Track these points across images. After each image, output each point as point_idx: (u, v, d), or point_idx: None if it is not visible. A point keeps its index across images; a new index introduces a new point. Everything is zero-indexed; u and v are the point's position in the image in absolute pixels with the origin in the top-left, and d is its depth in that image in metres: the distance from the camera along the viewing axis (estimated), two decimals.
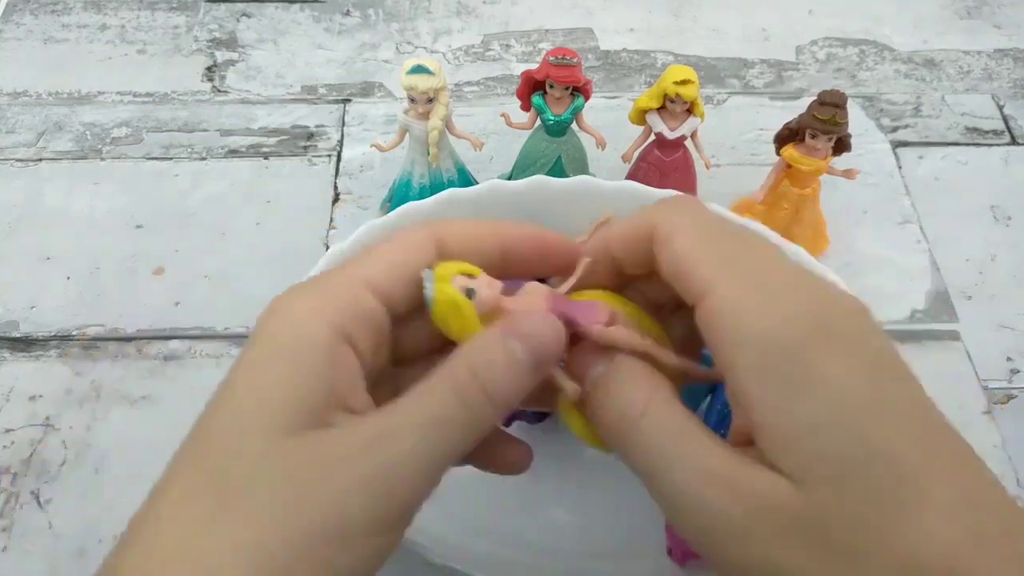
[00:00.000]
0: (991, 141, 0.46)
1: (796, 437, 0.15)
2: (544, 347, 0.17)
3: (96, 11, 0.52)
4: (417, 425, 0.16)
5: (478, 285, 0.18)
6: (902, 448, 0.15)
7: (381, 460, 0.15)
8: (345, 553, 0.15)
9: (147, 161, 0.44)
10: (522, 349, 0.17)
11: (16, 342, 0.37)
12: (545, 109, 0.36)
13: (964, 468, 0.16)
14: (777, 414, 0.16)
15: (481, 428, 0.16)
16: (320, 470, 0.15)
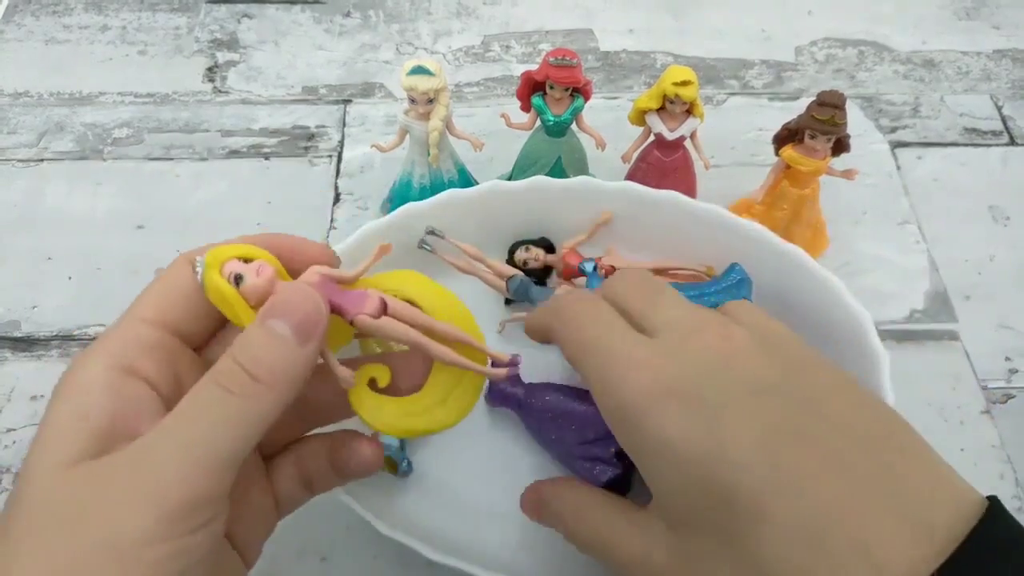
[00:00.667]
0: (990, 141, 0.46)
1: (662, 496, 0.20)
2: (304, 317, 0.18)
3: (97, 12, 0.52)
4: (175, 427, 0.17)
5: (247, 271, 0.18)
6: (741, 484, 0.18)
7: (145, 470, 0.16)
8: (130, 564, 0.15)
9: (148, 162, 0.44)
10: (281, 323, 0.17)
11: (17, 342, 0.37)
12: (545, 110, 0.37)
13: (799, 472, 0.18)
14: (648, 479, 0.20)
15: (261, 410, 0.17)
16: (92, 492, 0.16)
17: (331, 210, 0.42)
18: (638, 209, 0.35)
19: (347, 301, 0.19)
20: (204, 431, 0.16)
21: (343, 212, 0.42)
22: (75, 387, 0.17)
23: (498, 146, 0.41)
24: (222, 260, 0.19)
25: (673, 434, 0.18)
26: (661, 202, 0.34)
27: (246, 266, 0.19)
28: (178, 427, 0.17)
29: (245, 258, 0.19)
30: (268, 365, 0.17)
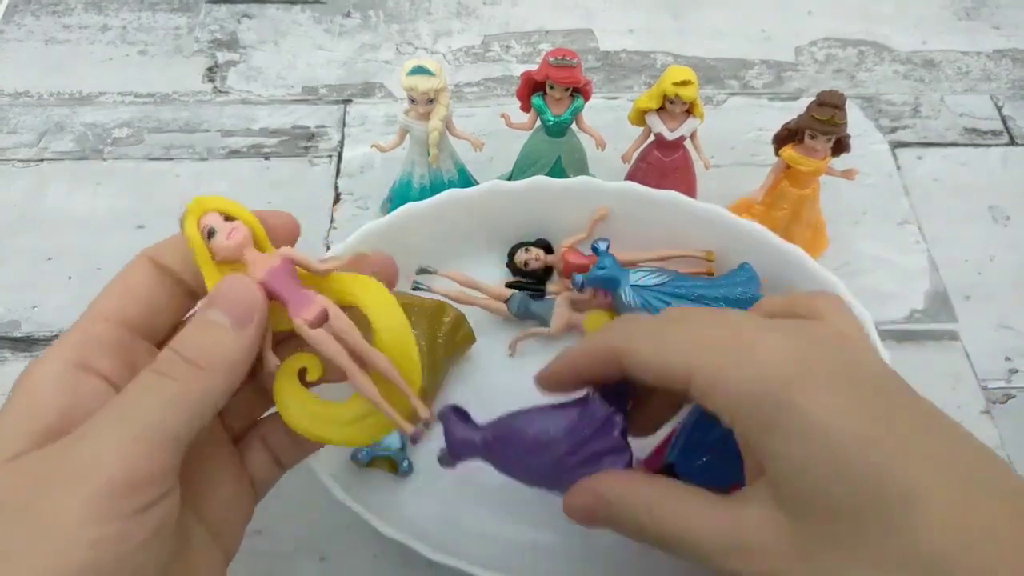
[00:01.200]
0: (990, 141, 0.46)
1: (788, 479, 0.18)
2: (239, 306, 0.18)
3: (97, 12, 0.52)
4: (112, 411, 0.17)
5: (221, 228, 0.19)
6: (892, 470, 0.17)
7: (82, 452, 0.16)
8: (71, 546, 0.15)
9: (148, 161, 0.44)
10: (217, 311, 0.18)
11: (18, 342, 0.37)
12: (545, 110, 0.37)
13: (959, 469, 0.17)
14: (774, 460, 0.18)
15: (199, 390, 0.17)
16: (32, 480, 0.16)
17: (331, 210, 0.42)
18: (638, 209, 0.35)
19: (292, 298, 0.19)
20: (141, 412, 0.17)
21: (343, 212, 0.42)
22: (28, 385, 0.18)
23: (498, 146, 0.41)
24: (203, 210, 0.19)
25: (825, 414, 0.17)
26: (661, 202, 0.35)
27: (223, 223, 0.19)
28: (115, 410, 0.17)
29: (227, 215, 0.19)
30: (204, 349, 0.18)
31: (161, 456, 0.16)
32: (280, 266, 0.19)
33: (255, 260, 0.19)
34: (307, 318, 0.19)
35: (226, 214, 0.19)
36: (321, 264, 0.20)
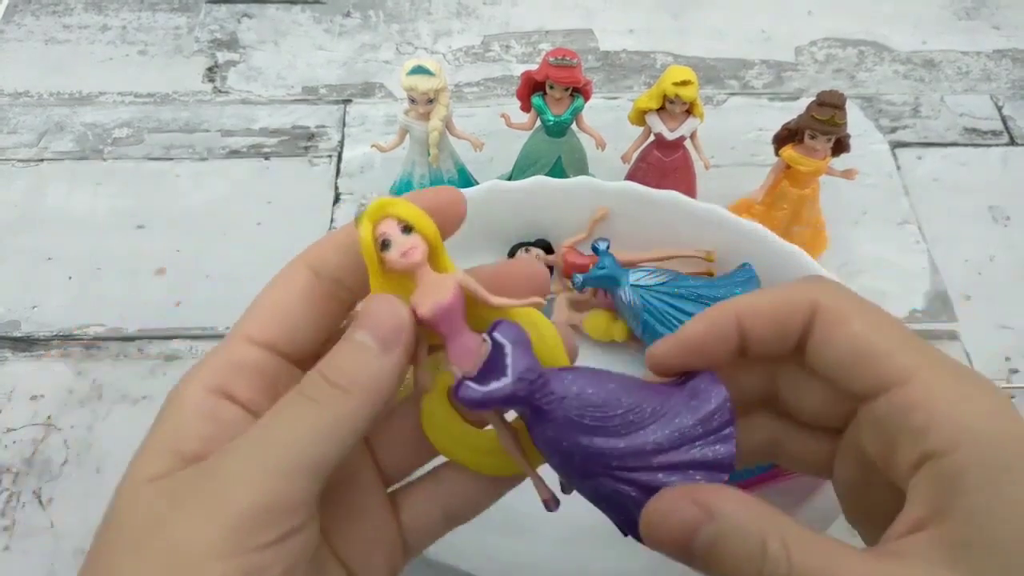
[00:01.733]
0: (990, 142, 0.46)
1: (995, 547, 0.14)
2: (385, 329, 0.17)
3: (97, 12, 0.52)
4: (249, 437, 0.16)
5: (397, 243, 0.17)
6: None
7: (214, 479, 0.15)
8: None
9: (148, 161, 0.44)
10: (363, 333, 0.17)
11: (18, 342, 0.37)
12: (545, 110, 0.37)
13: None
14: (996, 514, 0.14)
15: (341, 414, 0.16)
16: (164, 506, 0.15)
17: (331, 210, 0.42)
18: (638, 209, 0.35)
19: (456, 342, 0.17)
20: (278, 437, 0.16)
21: (343, 212, 0.42)
22: (172, 408, 0.17)
23: (498, 146, 0.41)
24: (383, 215, 0.17)
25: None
26: (661, 202, 0.34)
27: (399, 236, 0.17)
28: (252, 436, 0.16)
29: (408, 225, 0.17)
30: (348, 372, 0.16)
31: (299, 484, 0.15)
32: (451, 302, 0.17)
33: (426, 284, 0.17)
34: (464, 368, 0.17)
35: (406, 223, 0.17)
36: (496, 300, 0.18)
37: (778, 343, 0.18)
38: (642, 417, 0.17)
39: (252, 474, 0.15)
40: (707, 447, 0.17)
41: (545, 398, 0.17)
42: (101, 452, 0.34)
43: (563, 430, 0.17)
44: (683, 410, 0.17)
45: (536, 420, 0.17)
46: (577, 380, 0.17)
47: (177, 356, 0.37)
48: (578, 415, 0.17)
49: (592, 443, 0.17)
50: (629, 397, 0.17)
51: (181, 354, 0.37)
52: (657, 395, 0.18)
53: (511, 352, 0.17)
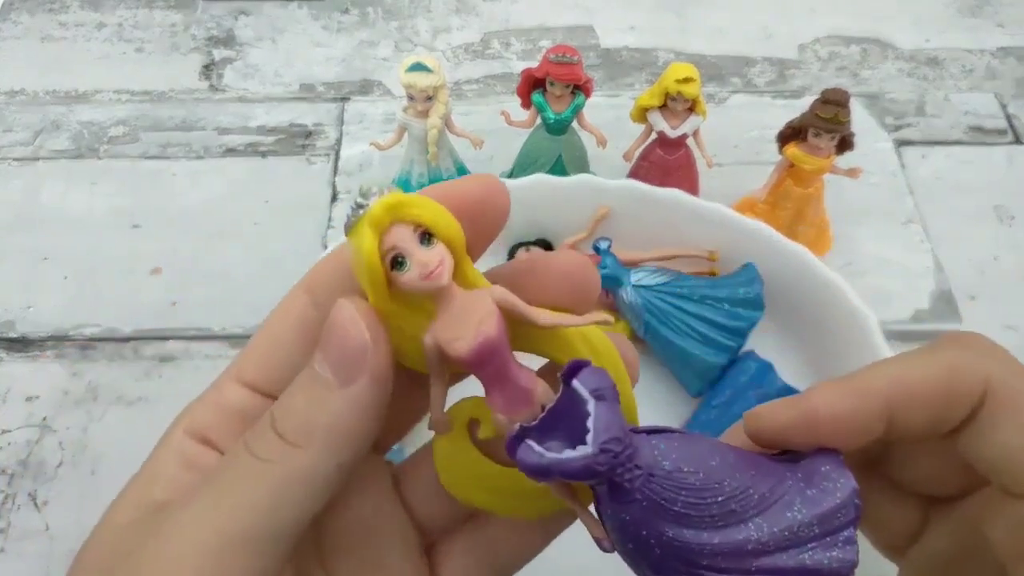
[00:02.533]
0: (995, 140, 0.45)
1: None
2: (341, 353, 0.13)
3: (93, 9, 0.51)
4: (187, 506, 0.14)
5: (418, 260, 0.13)
6: None
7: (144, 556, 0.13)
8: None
9: (144, 160, 0.44)
10: (319, 361, 0.14)
11: (13, 342, 0.37)
12: (546, 107, 0.36)
13: None
14: None
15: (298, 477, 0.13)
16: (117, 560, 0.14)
17: (329, 209, 0.42)
18: (640, 208, 0.35)
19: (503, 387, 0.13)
20: (214, 508, 0.13)
21: (341, 211, 0.42)
22: (155, 452, 0.15)
23: (498, 144, 0.40)
24: (393, 220, 0.13)
25: None
26: (663, 201, 0.34)
27: (420, 250, 0.13)
28: (190, 505, 0.14)
29: (428, 232, 0.13)
30: (299, 418, 0.13)
31: (243, 562, 0.13)
32: (498, 335, 0.13)
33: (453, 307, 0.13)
34: (518, 420, 0.13)
35: (425, 229, 0.13)
36: (546, 318, 0.13)
37: (930, 431, 0.15)
38: (746, 506, 0.13)
39: (179, 555, 0.13)
40: (822, 552, 0.13)
41: (628, 474, 0.13)
42: (96, 454, 0.33)
43: (645, 516, 0.13)
44: (797, 500, 0.13)
45: (612, 498, 0.13)
46: (671, 453, 0.13)
47: (173, 357, 0.36)
48: (668, 500, 0.13)
49: (679, 535, 0.13)
50: (733, 479, 0.13)
51: (177, 355, 0.36)
52: (766, 476, 0.14)
53: (595, 412, 0.12)
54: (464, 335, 0.13)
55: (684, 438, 0.14)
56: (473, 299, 0.13)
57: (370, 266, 0.13)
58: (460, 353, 0.13)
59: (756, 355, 0.33)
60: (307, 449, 0.13)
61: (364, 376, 0.13)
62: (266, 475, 0.13)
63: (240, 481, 0.13)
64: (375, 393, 0.14)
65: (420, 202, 0.13)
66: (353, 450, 0.14)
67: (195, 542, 0.13)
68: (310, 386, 0.14)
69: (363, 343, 0.13)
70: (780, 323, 0.34)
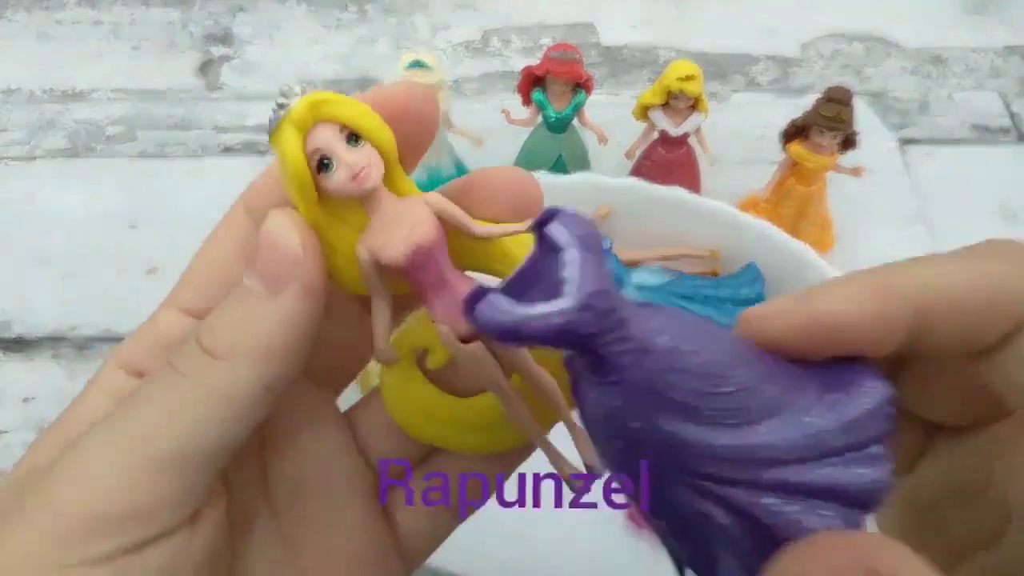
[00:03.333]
0: (999, 139, 0.45)
1: None
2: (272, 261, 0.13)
3: (90, 7, 0.51)
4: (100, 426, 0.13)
5: (344, 160, 0.12)
6: None
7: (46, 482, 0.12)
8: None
9: (141, 159, 0.44)
10: (248, 273, 0.13)
11: (10, 343, 0.37)
12: (546, 105, 0.36)
13: None
14: None
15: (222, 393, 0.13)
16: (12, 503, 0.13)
17: None
18: (642, 206, 0.34)
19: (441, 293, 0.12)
20: (131, 424, 0.13)
21: None
22: (83, 391, 0.14)
23: (498, 142, 0.40)
24: (317, 118, 0.12)
25: None
26: (665, 199, 0.34)
27: (344, 149, 0.12)
28: (103, 425, 0.13)
29: (355, 131, 0.12)
30: (226, 330, 0.13)
31: (161, 480, 0.12)
32: (434, 239, 0.12)
33: (386, 214, 0.12)
34: (460, 330, 0.13)
35: (351, 130, 0.12)
36: (482, 228, 0.13)
37: (961, 349, 0.12)
38: (760, 403, 0.10)
39: (90, 472, 0.12)
40: (848, 467, 0.11)
41: (617, 345, 0.10)
42: None
43: (636, 401, 0.10)
44: (818, 404, 0.11)
45: (594, 377, 0.10)
46: (668, 328, 0.10)
47: None
48: (666, 383, 0.10)
49: (679, 432, 0.10)
50: (746, 368, 0.11)
51: None
52: (779, 374, 0.11)
53: (577, 259, 0.10)
54: (395, 240, 0.12)
55: (682, 314, 0.11)
56: (406, 205, 0.13)
57: (295, 168, 0.12)
58: (394, 258, 0.12)
59: None
60: (231, 362, 0.13)
61: (294, 285, 0.13)
62: (187, 389, 0.13)
63: (160, 397, 0.13)
64: (306, 305, 0.13)
65: (344, 100, 0.12)
66: (282, 367, 0.13)
67: (109, 460, 0.12)
68: (239, 300, 0.13)
69: (293, 251, 0.13)
70: None
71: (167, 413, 0.13)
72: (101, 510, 0.12)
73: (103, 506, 0.12)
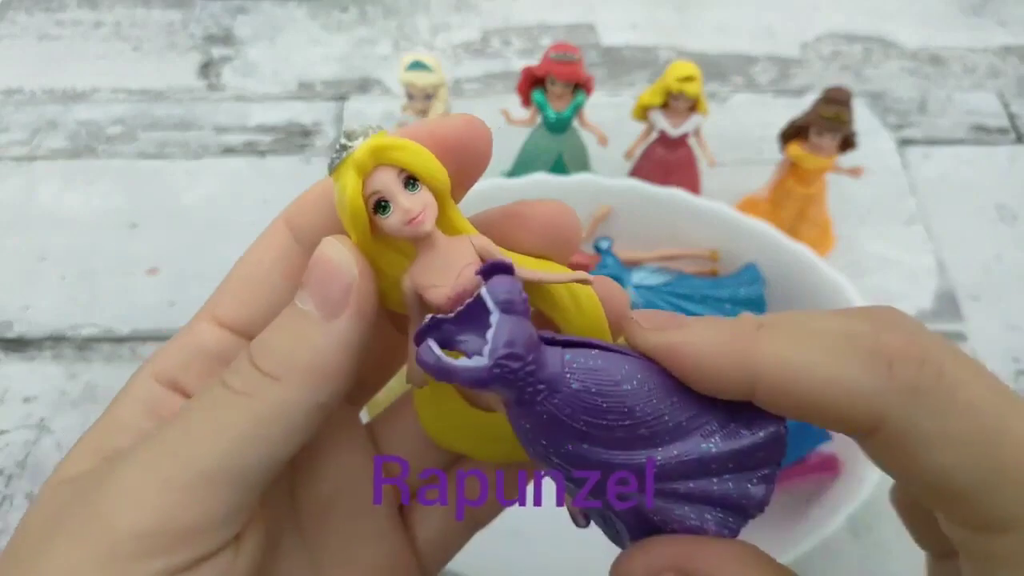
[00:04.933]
0: (997, 139, 0.45)
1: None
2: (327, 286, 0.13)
3: (91, 8, 0.51)
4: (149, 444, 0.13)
5: (402, 204, 0.12)
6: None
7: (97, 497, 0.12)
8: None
9: (142, 159, 0.44)
10: (302, 296, 0.13)
11: (10, 343, 0.37)
12: (546, 106, 0.36)
13: None
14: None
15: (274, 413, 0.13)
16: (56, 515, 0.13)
17: None
18: (641, 207, 0.34)
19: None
20: (184, 441, 0.12)
21: None
22: (115, 401, 0.14)
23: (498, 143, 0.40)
24: (378, 162, 0.12)
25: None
26: (665, 200, 0.34)
27: (404, 195, 0.12)
28: (155, 439, 0.13)
29: (413, 176, 0.13)
30: (280, 351, 0.13)
31: (209, 500, 0.12)
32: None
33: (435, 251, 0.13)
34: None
35: (410, 174, 0.12)
36: (527, 273, 0.13)
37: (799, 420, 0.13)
38: (658, 432, 0.13)
39: (141, 488, 0.12)
40: (733, 483, 0.13)
41: (529, 388, 0.12)
42: None
43: (545, 428, 0.13)
44: (718, 433, 0.13)
45: (515, 403, 0.13)
46: (581, 372, 0.13)
47: None
48: (568, 416, 0.12)
49: (579, 449, 0.13)
50: (648, 404, 0.13)
51: None
52: (688, 405, 0.13)
53: (496, 323, 0.12)
54: (443, 283, 0.13)
55: (605, 356, 0.13)
56: (455, 246, 0.13)
57: (353, 209, 0.13)
58: (438, 301, 0.13)
59: None
60: (286, 383, 0.13)
61: (349, 310, 0.13)
62: (241, 408, 0.13)
63: (212, 414, 0.13)
64: (359, 329, 0.13)
65: (405, 145, 0.13)
66: (333, 388, 0.13)
67: (158, 476, 0.12)
68: (292, 321, 0.13)
69: (350, 277, 0.13)
70: None
71: (218, 431, 0.12)
72: (151, 528, 0.12)
73: (153, 524, 0.12)
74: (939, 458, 0.11)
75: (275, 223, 0.15)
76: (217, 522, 0.12)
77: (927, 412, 0.12)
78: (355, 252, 0.13)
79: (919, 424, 0.12)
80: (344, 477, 0.15)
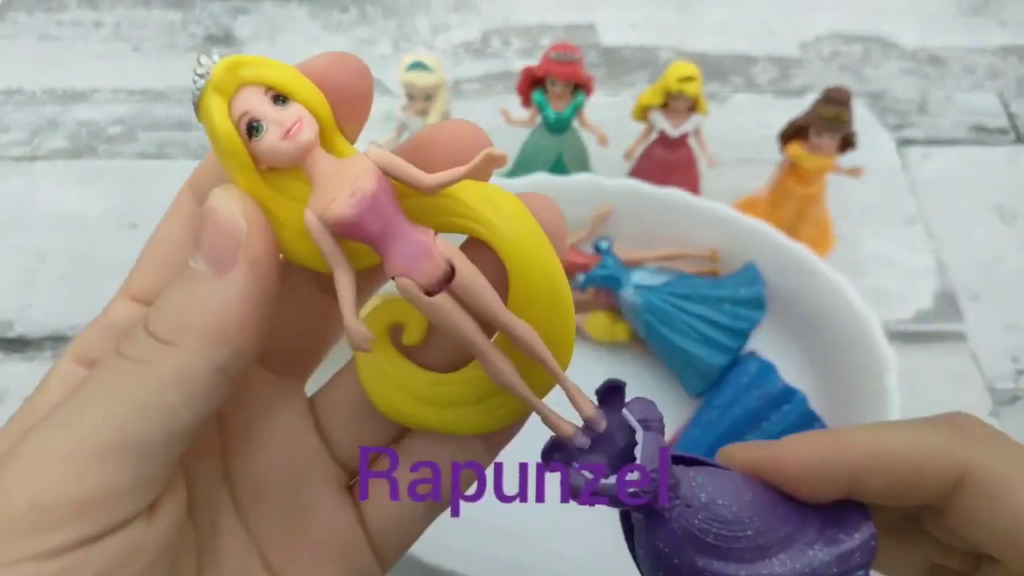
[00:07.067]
0: (997, 139, 0.45)
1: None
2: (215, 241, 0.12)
3: (91, 8, 0.51)
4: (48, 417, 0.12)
5: (274, 119, 0.12)
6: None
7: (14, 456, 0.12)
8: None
9: (142, 159, 0.44)
10: (194, 255, 0.12)
11: (10, 343, 0.37)
12: (546, 106, 0.36)
13: None
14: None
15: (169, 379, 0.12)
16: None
17: None
18: (641, 207, 0.34)
19: (395, 244, 0.12)
20: (77, 414, 0.12)
21: None
22: (42, 382, 0.14)
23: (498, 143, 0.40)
24: (241, 82, 0.12)
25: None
26: (664, 200, 0.34)
27: (272, 109, 0.12)
28: (51, 416, 0.12)
29: (281, 93, 0.12)
30: (173, 314, 0.12)
31: (112, 470, 0.12)
32: (375, 188, 0.12)
33: (327, 175, 0.12)
34: (421, 280, 0.12)
35: (278, 90, 0.12)
36: (432, 177, 0.12)
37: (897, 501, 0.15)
38: (771, 542, 0.14)
39: (38, 463, 0.12)
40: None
41: (668, 504, 0.13)
42: None
43: (679, 544, 0.13)
44: (818, 540, 0.14)
45: (649, 525, 0.14)
46: (707, 485, 0.14)
47: None
48: (701, 530, 0.14)
49: (709, 566, 0.14)
50: (762, 517, 0.14)
51: None
52: (790, 515, 0.14)
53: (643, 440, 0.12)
54: (338, 196, 0.12)
55: (718, 472, 0.15)
56: (347, 163, 0.12)
57: (224, 135, 0.12)
58: (340, 212, 0.12)
59: (757, 355, 0.33)
60: (180, 346, 0.12)
61: (240, 263, 0.12)
62: (137, 377, 0.12)
63: (107, 385, 0.12)
64: (255, 282, 0.12)
65: (266, 61, 0.12)
66: (233, 349, 0.12)
67: (55, 451, 0.12)
68: (185, 282, 0.13)
69: (236, 226, 0.12)
70: (782, 323, 0.33)
71: (113, 401, 0.12)
72: (47, 502, 0.11)
73: (49, 498, 0.12)
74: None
75: (181, 191, 0.15)
76: (120, 493, 0.12)
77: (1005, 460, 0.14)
78: (243, 200, 0.12)
79: (999, 469, 0.14)
80: (280, 451, 0.15)
